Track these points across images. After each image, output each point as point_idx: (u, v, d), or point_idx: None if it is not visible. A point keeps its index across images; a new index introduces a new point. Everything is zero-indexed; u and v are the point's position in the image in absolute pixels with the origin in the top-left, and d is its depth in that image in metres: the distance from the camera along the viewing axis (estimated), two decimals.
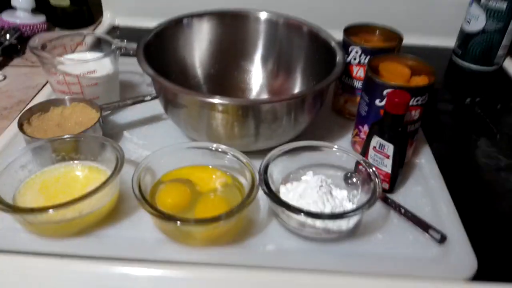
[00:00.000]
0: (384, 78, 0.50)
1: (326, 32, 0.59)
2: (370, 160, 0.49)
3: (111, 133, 0.56)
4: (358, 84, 0.58)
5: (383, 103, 0.49)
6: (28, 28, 0.80)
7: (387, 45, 0.57)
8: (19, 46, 0.76)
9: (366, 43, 0.57)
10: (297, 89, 0.62)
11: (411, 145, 0.53)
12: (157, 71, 0.49)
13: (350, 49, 0.56)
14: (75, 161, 0.46)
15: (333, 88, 0.62)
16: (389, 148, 0.46)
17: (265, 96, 0.64)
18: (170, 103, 0.50)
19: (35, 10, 0.82)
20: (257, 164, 0.44)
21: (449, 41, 0.85)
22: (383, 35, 0.60)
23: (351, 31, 0.59)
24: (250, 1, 0.78)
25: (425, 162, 0.54)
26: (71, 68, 0.54)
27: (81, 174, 0.45)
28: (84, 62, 0.54)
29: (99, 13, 0.89)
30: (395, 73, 0.52)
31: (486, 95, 0.73)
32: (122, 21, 0.89)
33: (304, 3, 0.84)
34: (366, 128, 0.52)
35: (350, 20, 0.83)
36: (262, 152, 0.47)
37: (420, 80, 0.50)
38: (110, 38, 0.59)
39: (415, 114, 0.49)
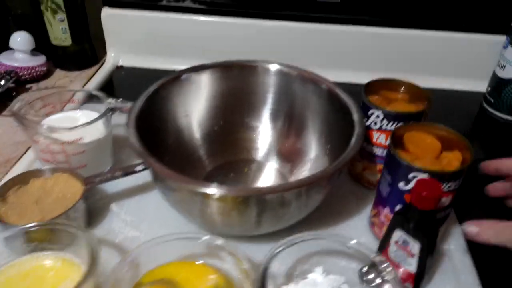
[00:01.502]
0: (410, 153, 0.44)
1: (343, 91, 0.52)
2: (391, 256, 0.41)
3: (96, 206, 0.50)
4: (378, 151, 0.51)
5: (409, 187, 0.41)
6: (26, 71, 0.75)
7: (414, 108, 0.50)
8: (14, 93, 0.72)
9: (389, 106, 0.50)
10: (310, 152, 0.55)
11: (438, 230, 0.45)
12: (152, 137, 0.43)
13: (370, 112, 0.49)
14: (48, 252, 0.40)
15: None
16: (414, 246, 0.39)
17: (273, 157, 0.57)
18: (160, 184, 0.44)
19: (35, 50, 0.78)
20: (256, 250, 0.39)
21: (480, 85, 0.77)
22: (408, 93, 0.53)
23: (371, 88, 0.52)
24: (261, 50, 0.73)
25: (455, 249, 0.47)
26: (55, 135, 0.48)
27: (53, 269, 0.39)
28: (70, 129, 0.49)
29: (103, 51, 0.85)
30: (422, 146, 0.44)
31: None
32: (127, 61, 0.84)
33: (323, 51, 0.79)
34: (387, 211, 0.45)
35: (375, 63, 0.78)
36: (265, 236, 0.41)
37: (453, 158, 0.43)
38: (102, 95, 0.54)
39: (446, 200, 0.42)
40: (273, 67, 0.56)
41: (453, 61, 0.80)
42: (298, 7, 0.76)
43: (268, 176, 0.56)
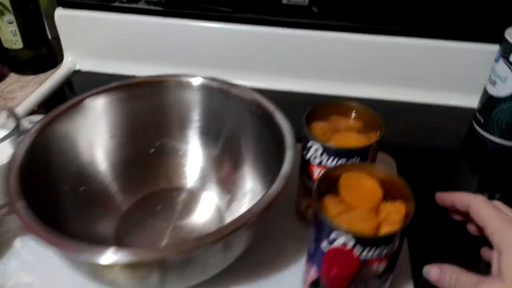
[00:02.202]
0: (344, 201, 0.36)
1: (279, 111, 0.44)
2: None
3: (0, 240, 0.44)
4: None
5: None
6: None
7: (363, 141, 0.42)
8: None
9: (335, 137, 0.43)
10: (247, 183, 0.48)
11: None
12: (44, 185, 0.37)
13: (309, 145, 0.42)
14: None
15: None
16: None
17: (210, 186, 0.50)
18: None
19: None
20: None
21: (472, 100, 0.68)
22: (361, 120, 0.45)
23: (318, 113, 0.44)
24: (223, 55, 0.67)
25: None
26: None
27: None
28: None
29: None
30: (360, 193, 0.37)
31: None
32: (85, 65, 0.78)
33: (291, 58, 0.71)
34: (314, 272, 0.38)
35: (350, 74, 0.70)
36: None
37: (393, 211, 0.35)
38: (20, 116, 0.48)
39: (379, 267, 0.34)
40: (196, 81, 0.48)
41: (441, 72, 0.71)
42: (263, 10, 0.68)
43: (202, 209, 0.49)
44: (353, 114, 0.45)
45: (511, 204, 0.37)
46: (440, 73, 0.70)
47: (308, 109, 0.44)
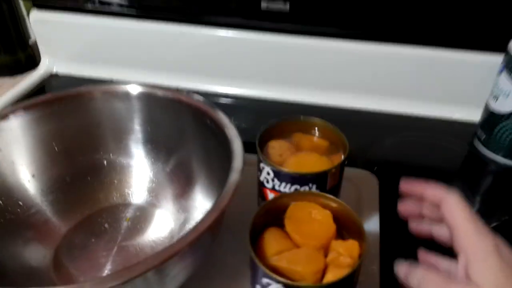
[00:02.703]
0: (289, 237, 0.31)
1: (228, 120, 0.40)
2: None
3: None
4: None
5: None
6: None
7: (319, 166, 0.36)
8: None
9: (293, 158, 0.37)
10: (201, 199, 0.43)
11: None
12: None
13: (260, 166, 0.37)
14: None
15: None
16: None
17: (163, 203, 0.46)
18: None
19: None
20: None
21: (475, 113, 0.61)
22: (326, 139, 0.40)
23: (278, 130, 0.39)
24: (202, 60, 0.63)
25: None
26: None
27: None
28: None
29: None
30: (307, 228, 0.32)
31: None
32: (63, 68, 0.74)
33: (273, 65, 0.66)
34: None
35: (341, 84, 0.64)
36: None
37: (344, 251, 0.30)
38: None
39: None
40: (133, 90, 0.44)
41: (440, 83, 0.64)
42: (243, 14, 0.63)
43: (153, 229, 0.44)
44: (317, 132, 0.40)
45: None
46: (439, 84, 0.64)
47: (264, 127, 0.39)
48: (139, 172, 0.47)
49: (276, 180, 0.36)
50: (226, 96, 0.69)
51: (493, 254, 0.27)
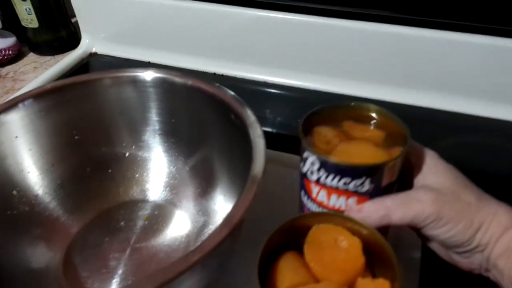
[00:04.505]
0: (308, 267, 0.26)
1: (259, 130, 0.34)
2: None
3: None
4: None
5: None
6: None
7: (374, 158, 0.29)
8: None
9: (343, 147, 0.31)
10: (222, 202, 0.39)
11: None
12: None
13: (304, 156, 0.31)
14: None
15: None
16: None
17: (183, 203, 0.42)
18: None
19: (4, 29, 0.71)
20: None
21: None
22: (383, 129, 0.33)
23: (321, 118, 0.33)
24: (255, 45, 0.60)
25: None
26: None
27: None
28: None
29: None
30: (331, 257, 0.26)
31: None
32: (102, 48, 0.73)
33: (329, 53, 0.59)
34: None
35: (383, 74, 0.57)
36: None
37: None
38: None
39: None
40: (148, 76, 0.39)
41: (501, 77, 0.54)
42: None
43: (170, 231, 0.41)
44: (372, 121, 0.33)
45: None
46: (499, 79, 0.54)
47: (309, 112, 0.33)
48: (160, 167, 0.44)
49: (322, 171, 0.30)
50: (265, 84, 0.63)
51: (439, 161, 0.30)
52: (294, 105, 0.60)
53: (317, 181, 0.30)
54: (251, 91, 0.63)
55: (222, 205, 0.40)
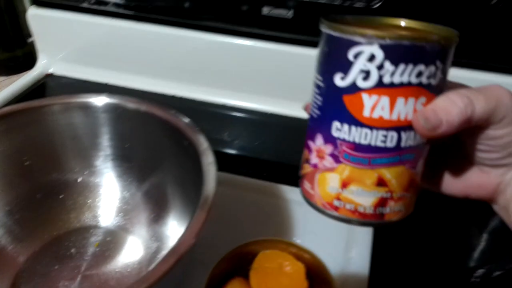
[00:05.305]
0: None
1: (212, 159, 0.35)
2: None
3: None
4: (375, 139, 0.23)
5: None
6: None
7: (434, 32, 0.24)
8: None
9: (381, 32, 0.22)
10: (174, 227, 0.40)
11: None
12: None
13: (353, 53, 0.22)
14: None
15: None
16: None
17: (137, 228, 0.42)
18: None
19: None
20: None
21: None
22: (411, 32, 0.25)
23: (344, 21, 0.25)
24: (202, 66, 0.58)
25: None
26: None
27: None
28: None
29: None
30: (274, 282, 0.27)
31: None
32: (59, 69, 0.72)
33: (276, 75, 0.61)
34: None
35: None
36: None
37: None
38: None
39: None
40: (100, 102, 0.40)
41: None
42: (244, 21, 0.58)
43: (122, 256, 0.41)
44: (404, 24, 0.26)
45: None
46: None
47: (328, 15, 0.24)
48: (113, 193, 0.43)
49: (386, 66, 0.22)
50: (224, 107, 0.65)
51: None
52: (252, 128, 0.62)
53: (377, 85, 0.22)
54: (211, 114, 0.64)
55: (175, 230, 0.40)
